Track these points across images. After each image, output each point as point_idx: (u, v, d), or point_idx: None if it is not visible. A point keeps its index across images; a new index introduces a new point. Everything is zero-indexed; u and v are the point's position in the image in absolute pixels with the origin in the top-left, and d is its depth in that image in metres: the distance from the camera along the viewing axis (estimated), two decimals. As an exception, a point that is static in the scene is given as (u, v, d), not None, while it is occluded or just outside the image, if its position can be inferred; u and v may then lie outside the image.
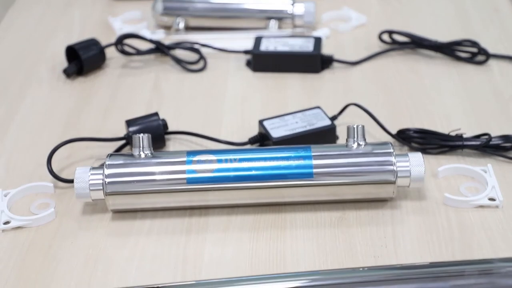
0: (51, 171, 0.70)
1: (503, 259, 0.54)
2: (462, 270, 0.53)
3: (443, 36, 0.90)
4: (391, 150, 0.66)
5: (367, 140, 0.67)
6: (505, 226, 0.64)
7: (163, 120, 0.75)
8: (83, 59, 0.87)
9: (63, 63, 0.89)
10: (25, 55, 0.94)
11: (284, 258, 0.62)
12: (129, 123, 0.74)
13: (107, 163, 0.65)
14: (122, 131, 0.76)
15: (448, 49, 0.88)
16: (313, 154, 0.66)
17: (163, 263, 0.62)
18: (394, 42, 0.91)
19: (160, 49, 0.90)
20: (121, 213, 0.67)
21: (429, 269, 0.53)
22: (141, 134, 0.67)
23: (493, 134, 0.72)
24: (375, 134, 0.75)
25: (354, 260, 0.61)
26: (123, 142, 0.75)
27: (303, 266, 0.60)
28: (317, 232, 0.64)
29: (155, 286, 0.53)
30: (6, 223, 0.66)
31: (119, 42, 0.89)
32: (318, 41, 0.89)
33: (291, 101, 0.83)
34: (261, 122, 0.74)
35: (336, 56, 0.89)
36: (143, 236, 0.65)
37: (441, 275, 0.52)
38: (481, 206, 0.66)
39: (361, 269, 0.54)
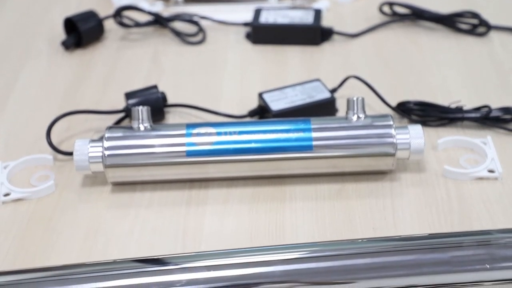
0: (51, 144, 0.70)
1: (502, 230, 0.54)
2: (461, 241, 0.53)
3: (444, 7, 0.90)
4: (391, 123, 0.65)
5: (367, 113, 0.67)
6: (504, 198, 0.64)
7: (162, 93, 0.75)
8: (81, 31, 0.86)
9: (62, 35, 0.88)
10: (23, 28, 0.94)
11: (283, 230, 0.62)
12: (128, 95, 0.74)
13: (106, 135, 0.65)
14: (121, 104, 0.75)
15: (449, 21, 0.87)
16: (312, 126, 0.66)
17: (163, 235, 0.62)
18: (394, 13, 0.90)
19: (158, 21, 0.89)
20: (121, 185, 0.67)
21: (428, 240, 0.53)
22: (140, 107, 0.67)
23: (493, 106, 0.72)
24: (375, 107, 0.75)
25: (353, 232, 0.61)
26: (122, 114, 0.74)
27: (302, 238, 0.61)
28: (317, 204, 0.64)
29: (156, 257, 0.53)
30: (6, 195, 0.66)
31: (118, 14, 0.88)
32: (318, 13, 0.88)
33: (291, 73, 0.82)
34: (260, 95, 0.74)
35: (336, 28, 0.88)
36: (143, 209, 0.65)
37: (440, 246, 0.52)
38: (481, 178, 0.66)
39: (360, 240, 0.55)
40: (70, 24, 0.87)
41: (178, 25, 0.90)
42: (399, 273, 0.51)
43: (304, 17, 0.87)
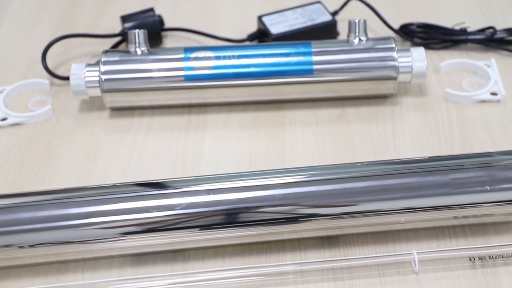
0: (46, 68, 0.69)
1: (503, 152, 0.54)
2: (462, 163, 0.53)
3: None
4: (393, 45, 0.64)
5: (369, 36, 0.65)
6: (506, 120, 0.64)
7: (159, 16, 0.73)
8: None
9: (54, -43, 0.86)
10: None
11: (283, 155, 0.62)
12: (124, 19, 0.72)
13: (102, 59, 0.64)
14: (117, 28, 0.74)
15: None
16: (313, 50, 0.64)
17: (163, 159, 0.62)
18: None
19: None
20: (119, 110, 0.67)
21: (428, 163, 0.53)
22: (137, 30, 0.65)
23: (498, 28, 0.70)
24: (377, 30, 0.74)
25: (353, 156, 0.61)
26: (118, 39, 0.73)
27: (302, 162, 0.61)
28: (317, 129, 0.64)
29: (155, 181, 0.53)
30: (3, 119, 0.66)
31: None
32: None
33: (291, -5, 0.80)
34: (260, 18, 0.72)
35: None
36: (141, 133, 0.64)
37: (440, 169, 0.52)
38: (483, 101, 0.66)
39: (360, 164, 0.54)
40: None
41: None
42: (399, 195, 0.51)
43: None
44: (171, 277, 0.51)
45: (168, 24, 0.75)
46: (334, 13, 0.73)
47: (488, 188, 0.51)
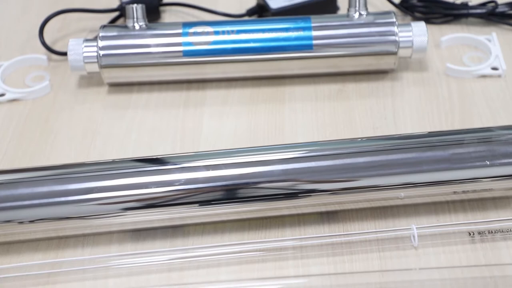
0: (44, 43, 0.68)
1: (503, 127, 0.54)
2: (462, 138, 0.53)
3: None
4: (394, 20, 0.64)
5: (369, 10, 0.65)
6: (507, 95, 0.63)
7: (157, -9, 0.73)
8: None
9: None
10: None
11: (282, 131, 0.61)
12: (122, -7, 0.72)
13: (100, 34, 0.64)
14: (115, 3, 0.73)
15: None
16: (313, 25, 0.64)
17: (162, 135, 0.61)
18: None
19: None
20: (117, 86, 0.66)
21: (428, 138, 0.53)
22: (135, 5, 0.64)
23: (499, 2, 0.70)
24: (377, 4, 0.73)
25: (353, 132, 0.61)
26: (116, 14, 0.72)
27: (302, 138, 0.60)
28: (316, 105, 0.64)
29: (154, 157, 0.53)
30: (1, 95, 0.65)
31: None
32: None
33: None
34: (259, -8, 0.72)
35: None
36: (140, 109, 0.64)
37: (440, 144, 0.52)
38: (483, 76, 0.65)
39: (359, 139, 0.54)
40: None
41: None
42: (399, 171, 0.51)
43: None
44: (170, 252, 0.52)
45: (166, -1, 0.75)
46: (334, -12, 0.73)
47: (488, 163, 0.51)
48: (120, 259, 0.51)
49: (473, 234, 0.52)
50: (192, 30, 0.64)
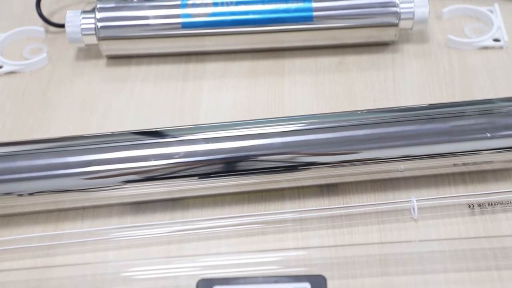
0: (41, 15, 0.67)
1: (504, 98, 0.53)
2: (462, 110, 0.52)
3: None
4: (395, -9, 0.63)
5: (370, -19, 0.64)
6: (508, 67, 0.63)
7: (156, -38, 0.72)
8: None
9: None
10: None
11: (282, 104, 0.61)
12: (120, -36, 0.71)
13: (98, 6, 0.63)
14: (113, -26, 0.72)
15: None
16: (313, -5, 0.63)
17: (160, 108, 0.61)
18: None
19: None
20: (116, 59, 0.66)
21: (428, 110, 0.53)
22: (133, -24, 0.64)
23: (502, -28, 0.69)
24: (378, -25, 0.72)
25: (353, 104, 0.61)
26: (114, -15, 0.72)
27: (302, 111, 0.60)
28: (316, 78, 0.63)
29: (154, 130, 0.53)
30: (-1, 67, 0.65)
31: None
32: None
33: None
34: (258, -38, 0.71)
35: None
36: (139, 82, 0.64)
37: (441, 116, 0.52)
38: (485, 48, 0.65)
39: (359, 112, 0.54)
40: None
41: None
42: (399, 143, 0.51)
43: None
44: (170, 225, 0.52)
45: (164, -30, 0.74)
46: (335, -42, 0.72)
47: (488, 135, 0.51)
48: (120, 232, 0.51)
49: (473, 206, 0.52)
50: (191, 1, 0.63)
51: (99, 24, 0.62)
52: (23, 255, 0.50)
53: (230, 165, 0.51)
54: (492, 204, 0.52)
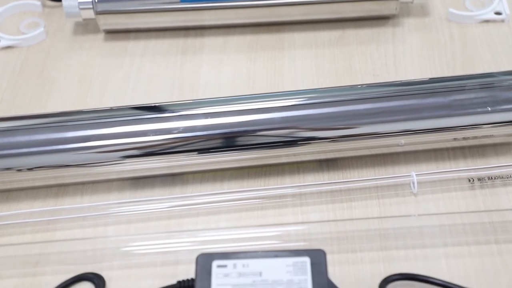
0: (37, -12, 0.67)
1: (505, 72, 0.53)
2: (463, 84, 0.52)
3: None
4: (396, -37, 0.62)
5: (370, -47, 0.63)
6: (510, 40, 0.63)
7: None
8: None
9: None
10: None
11: (282, 78, 0.61)
12: None
13: (95, -21, 0.62)
14: None
15: None
16: (313, -32, 0.63)
17: (159, 83, 0.61)
18: None
19: None
20: (114, 33, 0.65)
21: (429, 84, 0.52)
22: (131, -52, 0.63)
23: None
24: None
25: (353, 79, 0.60)
26: (111, -42, 0.71)
27: (302, 86, 0.60)
28: (316, 52, 0.63)
29: (153, 105, 0.53)
30: (-4, 42, 0.65)
31: None
32: None
33: None
34: None
35: None
36: (137, 57, 0.63)
37: (441, 90, 0.51)
38: (486, 21, 0.64)
39: (359, 86, 0.54)
40: None
41: None
42: (399, 117, 0.51)
43: None
44: (169, 200, 0.52)
45: None
46: None
47: (489, 109, 0.51)
48: (119, 207, 0.51)
49: (473, 180, 0.52)
50: (189, -25, 0.63)
51: (97, -2, 0.62)
52: (23, 230, 0.50)
53: (230, 140, 0.51)
54: (492, 178, 0.52)
